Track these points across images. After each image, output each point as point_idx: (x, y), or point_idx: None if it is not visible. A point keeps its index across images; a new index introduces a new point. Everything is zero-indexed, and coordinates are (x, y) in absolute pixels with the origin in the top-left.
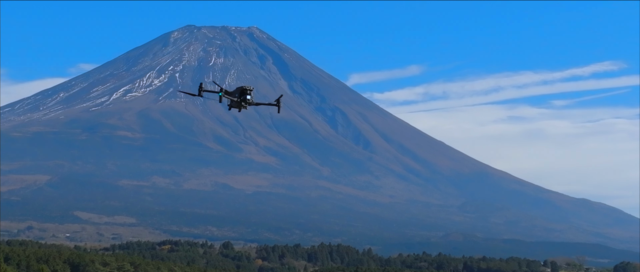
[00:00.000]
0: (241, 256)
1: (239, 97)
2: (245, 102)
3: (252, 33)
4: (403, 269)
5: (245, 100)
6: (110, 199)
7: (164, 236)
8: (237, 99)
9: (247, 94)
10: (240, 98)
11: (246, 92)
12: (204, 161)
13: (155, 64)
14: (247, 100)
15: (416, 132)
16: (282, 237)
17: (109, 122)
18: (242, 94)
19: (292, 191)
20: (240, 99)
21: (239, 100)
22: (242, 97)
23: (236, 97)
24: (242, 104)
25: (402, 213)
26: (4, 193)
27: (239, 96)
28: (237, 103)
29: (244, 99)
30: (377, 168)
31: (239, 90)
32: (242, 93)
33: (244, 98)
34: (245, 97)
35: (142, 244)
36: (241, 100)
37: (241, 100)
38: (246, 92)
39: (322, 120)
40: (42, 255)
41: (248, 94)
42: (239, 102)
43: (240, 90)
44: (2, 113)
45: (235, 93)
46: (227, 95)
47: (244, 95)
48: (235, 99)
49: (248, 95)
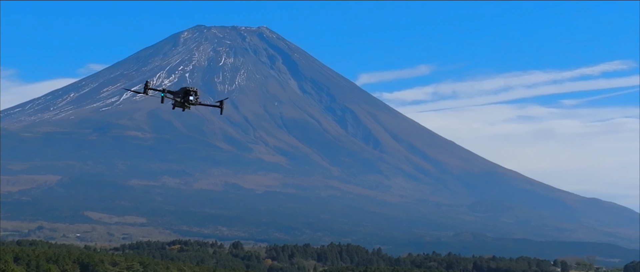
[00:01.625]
0: (251, 255)
1: (182, 98)
2: (188, 103)
3: (261, 33)
4: (413, 269)
5: (187, 101)
6: (121, 199)
7: (174, 236)
8: (180, 100)
9: (189, 94)
10: (183, 99)
11: (189, 93)
12: (214, 161)
13: (165, 64)
14: (189, 100)
15: (426, 132)
16: (292, 237)
17: (119, 122)
18: (186, 95)
19: (302, 190)
20: (183, 99)
21: (182, 100)
22: (185, 98)
23: (179, 98)
24: (185, 104)
25: (412, 213)
26: (15, 193)
27: (182, 97)
28: (180, 103)
29: (186, 99)
30: (386, 168)
31: (183, 91)
32: (186, 94)
33: (186, 99)
34: (188, 98)
35: (152, 244)
36: (184, 101)
37: (184, 100)
38: (189, 93)
39: (331, 120)
40: (52, 255)
41: (191, 94)
42: (182, 102)
43: (184, 91)
44: (13, 113)
45: (179, 93)
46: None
47: (187, 96)
48: (178, 99)
49: (191, 96)
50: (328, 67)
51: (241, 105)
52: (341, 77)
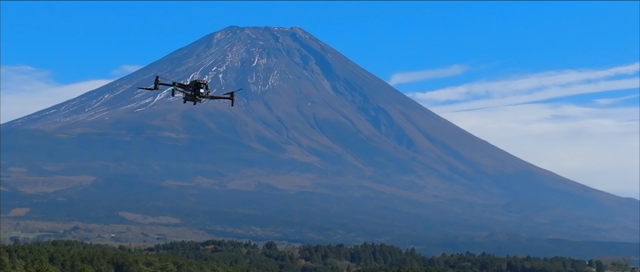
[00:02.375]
0: (284, 256)
1: (193, 91)
2: (199, 96)
3: (294, 33)
4: (446, 269)
5: (198, 94)
6: (155, 199)
7: (208, 236)
8: (191, 93)
9: (200, 87)
10: (194, 92)
11: (200, 86)
12: (248, 161)
13: (198, 65)
14: (200, 93)
15: (459, 132)
16: (326, 237)
17: (154, 123)
18: (196, 88)
19: (336, 191)
20: (193, 92)
21: (193, 93)
22: (195, 91)
23: (190, 91)
24: (196, 97)
25: (446, 213)
26: (51, 194)
27: (193, 90)
28: (191, 96)
29: (197, 92)
30: (420, 168)
31: (193, 84)
32: (196, 87)
33: (197, 91)
34: (199, 91)
35: (186, 244)
36: (195, 94)
37: (195, 93)
38: (200, 86)
39: (365, 120)
40: (87, 255)
41: (201, 87)
42: (193, 95)
43: (194, 84)
44: (48, 115)
45: (189, 87)
46: (180, 88)
47: (198, 89)
48: (189, 92)
49: (201, 89)
50: (361, 67)
51: (274, 106)
52: (374, 77)
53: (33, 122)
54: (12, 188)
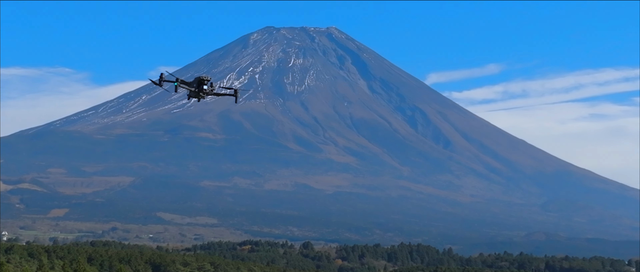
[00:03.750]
0: (321, 256)
1: (197, 87)
2: (203, 92)
3: (331, 33)
4: (484, 269)
5: (202, 90)
6: (192, 200)
7: (245, 236)
8: (195, 89)
9: (203, 84)
10: (197, 88)
11: (203, 83)
12: (284, 162)
13: (235, 65)
14: (203, 90)
15: (496, 131)
16: (363, 237)
17: (191, 123)
18: (200, 84)
19: (372, 190)
20: (197, 89)
21: (196, 90)
22: (199, 87)
23: (193, 87)
24: (199, 93)
25: (483, 212)
26: (89, 195)
27: (196, 86)
28: (195, 93)
29: (201, 89)
30: (457, 167)
31: (197, 81)
32: (200, 83)
33: (200, 88)
34: (202, 88)
35: (223, 245)
36: (198, 91)
37: (198, 90)
38: (203, 82)
39: (401, 119)
40: (124, 255)
41: (204, 84)
42: (196, 92)
43: (198, 81)
44: (86, 116)
45: (193, 83)
46: (183, 85)
47: (201, 85)
48: (192, 89)
49: (204, 85)
50: (397, 66)
51: (311, 106)
52: (410, 76)
53: (71, 124)
54: (51, 189)
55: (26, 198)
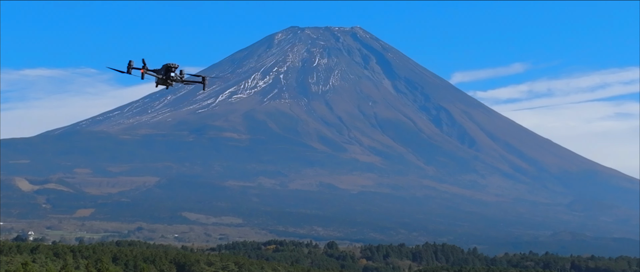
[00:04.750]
0: (345, 255)
1: (164, 75)
2: (170, 79)
3: (355, 33)
4: (509, 269)
5: (169, 78)
6: (217, 200)
7: (270, 236)
8: (162, 77)
9: (171, 71)
10: (165, 75)
11: (170, 70)
12: (309, 161)
13: (259, 65)
14: (171, 77)
15: (522, 130)
16: (388, 236)
17: (215, 123)
18: (167, 72)
19: (397, 190)
20: (165, 76)
21: (164, 77)
22: (166, 75)
23: (161, 75)
24: (167, 81)
25: (509, 212)
26: (115, 195)
27: (164, 74)
28: (162, 80)
29: (168, 76)
30: (482, 167)
31: (164, 68)
32: (167, 70)
33: (168, 75)
34: (170, 75)
35: (247, 244)
36: (166, 78)
37: (166, 77)
38: (171, 69)
39: (426, 119)
40: (149, 255)
41: (172, 71)
42: (164, 79)
43: (166, 68)
44: (112, 116)
45: (160, 70)
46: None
47: (169, 72)
48: (160, 76)
49: (172, 72)
50: (422, 66)
51: (335, 106)
52: (435, 76)
53: (97, 124)
54: (77, 189)
55: (52, 198)
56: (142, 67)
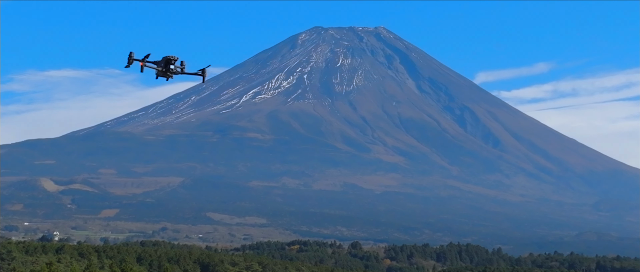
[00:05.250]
0: (369, 255)
1: (164, 67)
2: (170, 72)
3: (379, 33)
4: (533, 269)
5: (169, 70)
6: (241, 200)
7: (294, 236)
8: (162, 69)
9: (170, 63)
10: (164, 68)
11: (170, 62)
12: (333, 162)
13: (283, 65)
14: (170, 69)
15: (546, 130)
16: (412, 237)
17: (239, 124)
18: (167, 64)
19: (421, 190)
20: (164, 68)
21: (164, 69)
22: (166, 67)
23: (161, 67)
24: (167, 73)
25: (534, 212)
26: (139, 195)
27: (164, 66)
28: (162, 72)
29: (168, 68)
30: (507, 167)
31: (164, 60)
32: (167, 63)
33: (168, 67)
34: (169, 67)
35: (271, 244)
36: (166, 70)
37: (166, 69)
38: (170, 62)
39: (450, 119)
40: (173, 255)
41: (172, 63)
42: (164, 71)
43: (165, 60)
44: (136, 117)
45: (160, 63)
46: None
47: (168, 65)
48: (160, 68)
49: (172, 65)
50: (446, 66)
51: (359, 106)
52: (459, 75)
53: (122, 125)
54: (102, 190)
55: (77, 198)
56: (141, 59)
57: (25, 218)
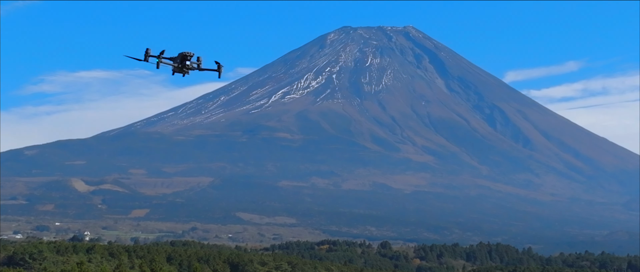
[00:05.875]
0: (399, 255)
1: (180, 63)
2: (186, 68)
3: (408, 32)
4: (564, 269)
5: (185, 66)
6: (271, 200)
7: (323, 236)
8: (178, 65)
9: (186, 59)
10: (180, 64)
11: (186, 58)
12: (362, 161)
13: (312, 65)
14: (187, 65)
15: (577, 129)
16: (441, 236)
17: (268, 124)
18: (183, 60)
19: (451, 190)
20: (180, 64)
21: (180, 65)
22: (182, 63)
23: (177, 63)
24: (183, 69)
25: (564, 211)
26: (169, 195)
27: (180, 62)
28: (179, 68)
29: (183, 64)
30: (537, 166)
31: (180, 56)
32: (183, 59)
33: (183, 63)
34: (185, 63)
35: (301, 244)
36: (182, 66)
37: (182, 65)
38: (186, 57)
39: (479, 118)
40: (203, 255)
41: (188, 59)
42: (180, 67)
43: (181, 56)
44: (166, 117)
45: (176, 59)
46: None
47: (184, 61)
48: (176, 64)
49: (188, 60)
50: (475, 65)
51: (388, 106)
52: (488, 75)
53: (152, 125)
54: (132, 190)
55: (108, 199)
56: (158, 55)
57: (57, 218)
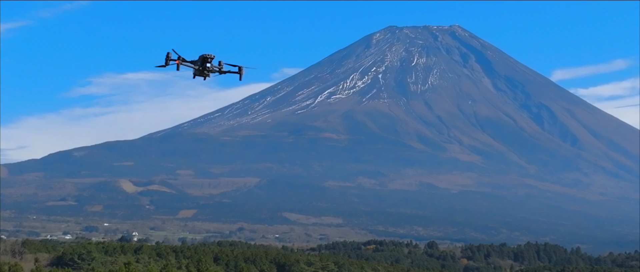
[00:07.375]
0: (446, 255)
1: (201, 66)
2: (207, 70)
3: (454, 32)
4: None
5: (206, 68)
6: (317, 200)
7: (370, 236)
8: (199, 67)
9: (207, 62)
10: (201, 66)
11: (207, 60)
12: (409, 161)
13: (358, 65)
14: (208, 68)
15: (626, 127)
16: (489, 236)
17: (315, 124)
18: (204, 62)
19: (498, 189)
20: (201, 67)
21: (201, 68)
22: (203, 65)
23: (198, 66)
24: (204, 71)
25: (614, 211)
26: (216, 196)
27: (201, 64)
28: (199, 71)
29: (204, 67)
30: (585, 165)
31: (201, 59)
32: (204, 61)
33: (204, 66)
34: (206, 65)
35: (347, 244)
36: (203, 68)
37: (203, 68)
38: (207, 60)
39: (527, 117)
40: (250, 255)
41: (208, 61)
42: (201, 70)
43: (202, 59)
44: (213, 118)
45: (197, 62)
46: (186, 63)
47: (205, 63)
48: (196, 67)
49: (208, 63)
50: (522, 63)
51: (434, 105)
52: (536, 73)
53: (198, 126)
54: (179, 190)
55: (156, 199)
56: (177, 59)
57: (105, 219)
